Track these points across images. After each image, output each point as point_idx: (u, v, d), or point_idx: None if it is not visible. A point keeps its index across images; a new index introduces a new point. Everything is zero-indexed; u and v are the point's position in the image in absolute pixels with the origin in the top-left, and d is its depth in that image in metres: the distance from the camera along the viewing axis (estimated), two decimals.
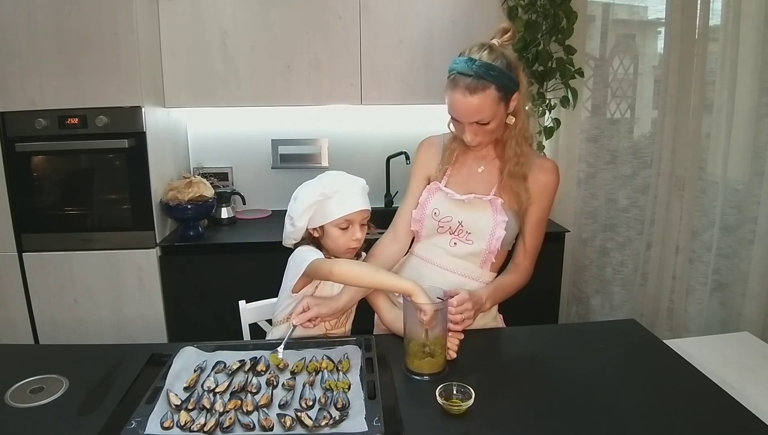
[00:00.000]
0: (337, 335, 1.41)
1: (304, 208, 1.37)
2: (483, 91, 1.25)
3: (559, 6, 2.33)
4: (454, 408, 1.03)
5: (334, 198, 1.37)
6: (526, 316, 1.50)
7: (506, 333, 1.50)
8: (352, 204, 1.37)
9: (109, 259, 2.23)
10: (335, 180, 1.40)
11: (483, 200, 1.39)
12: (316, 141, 2.77)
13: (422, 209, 1.45)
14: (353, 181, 1.41)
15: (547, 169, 1.42)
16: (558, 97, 2.49)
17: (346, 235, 1.39)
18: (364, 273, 1.29)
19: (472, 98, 1.25)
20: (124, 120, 2.13)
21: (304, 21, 2.35)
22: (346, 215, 1.36)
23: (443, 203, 1.43)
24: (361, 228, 1.41)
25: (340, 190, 1.38)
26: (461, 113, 1.29)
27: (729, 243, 2.07)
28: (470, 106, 1.26)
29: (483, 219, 1.39)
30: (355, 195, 1.39)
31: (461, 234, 1.41)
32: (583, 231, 2.64)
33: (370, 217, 1.44)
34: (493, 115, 1.28)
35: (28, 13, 2.03)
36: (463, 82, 1.25)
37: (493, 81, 1.24)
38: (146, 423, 0.96)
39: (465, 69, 1.25)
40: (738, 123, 1.99)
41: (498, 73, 1.25)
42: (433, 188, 1.45)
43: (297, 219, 1.38)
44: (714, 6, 2.06)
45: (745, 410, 1.05)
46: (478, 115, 1.27)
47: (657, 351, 1.32)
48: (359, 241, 1.41)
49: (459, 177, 1.45)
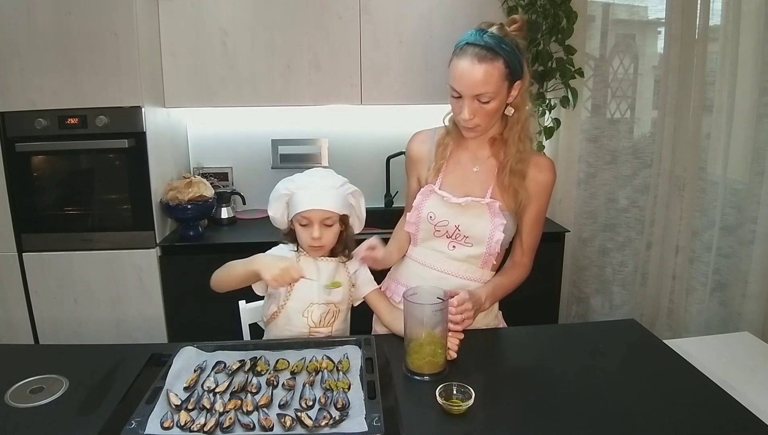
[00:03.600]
0: (337, 336, 1.41)
1: (272, 199, 1.42)
2: (491, 63, 1.22)
3: (559, 6, 2.33)
4: (454, 408, 1.03)
5: (297, 194, 1.38)
6: (526, 316, 1.50)
7: (506, 333, 1.50)
8: (306, 203, 1.37)
9: (109, 259, 2.23)
10: (306, 177, 1.40)
11: (480, 203, 1.37)
12: (316, 141, 2.77)
13: (417, 212, 1.43)
14: (321, 181, 1.38)
15: (544, 166, 1.40)
16: (558, 97, 2.49)
17: (306, 232, 1.40)
18: (222, 273, 1.40)
19: (480, 66, 1.22)
20: (124, 120, 2.13)
21: (304, 21, 2.35)
22: (302, 212, 1.37)
23: (439, 207, 1.40)
24: (322, 228, 1.39)
25: (303, 187, 1.38)
26: (466, 83, 1.24)
27: (729, 243, 2.08)
28: (477, 75, 1.22)
29: (480, 223, 1.38)
30: (313, 194, 1.37)
31: (459, 238, 1.40)
32: (583, 231, 2.64)
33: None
34: (497, 92, 1.25)
35: (28, 13, 2.03)
36: (472, 50, 1.23)
37: (503, 55, 1.22)
38: (146, 423, 0.96)
39: (476, 39, 1.23)
40: (738, 123, 1.99)
41: (509, 49, 1.23)
42: (428, 191, 1.42)
43: (268, 209, 1.44)
44: (714, 6, 2.06)
45: (745, 410, 1.05)
46: (483, 86, 1.23)
47: (657, 351, 1.32)
48: (317, 240, 1.39)
49: (453, 177, 1.42)
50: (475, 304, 1.29)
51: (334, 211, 1.38)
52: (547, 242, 2.45)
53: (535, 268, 1.49)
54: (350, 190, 1.43)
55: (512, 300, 1.62)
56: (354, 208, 1.46)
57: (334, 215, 1.39)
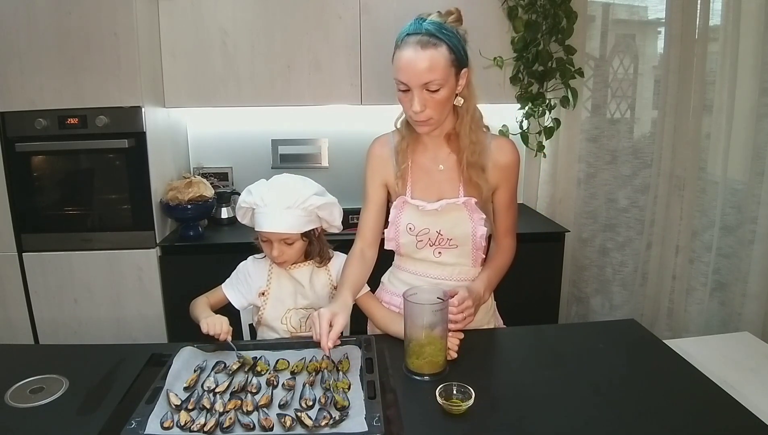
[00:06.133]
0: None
1: (237, 208, 1.47)
2: (435, 48, 1.20)
3: (559, 6, 2.33)
4: (454, 408, 1.03)
5: (256, 210, 1.41)
6: (526, 316, 1.50)
7: (506, 333, 1.50)
8: (262, 224, 1.39)
9: (109, 259, 2.23)
10: (266, 192, 1.40)
11: (457, 204, 1.35)
12: (316, 141, 2.77)
13: (394, 227, 1.40)
14: (279, 199, 1.37)
15: (505, 149, 1.38)
16: (558, 97, 2.49)
17: (267, 248, 1.42)
18: (192, 313, 1.42)
19: (424, 53, 1.19)
20: (124, 120, 2.13)
21: (304, 21, 2.35)
22: (260, 232, 1.39)
23: (416, 217, 1.38)
24: (281, 245, 1.39)
25: (260, 206, 1.39)
26: (412, 72, 1.20)
27: (729, 243, 2.08)
28: (422, 62, 1.19)
29: (461, 223, 1.37)
30: (270, 215, 1.37)
31: (443, 242, 1.39)
32: (583, 231, 2.64)
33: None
34: (445, 79, 1.22)
35: (28, 13, 2.03)
36: (414, 39, 1.20)
37: (445, 40, 1.21)
38: (146, 423, 0.96)
39: (416, 28, 1.21)
40: (738, 123, 1.99)
41: (450, 34, 1.22)
42: (401, 203, 1.39)
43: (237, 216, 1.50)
44: (714, 6, 2.06)
45: (745, 410, 1.05)
46: (429, 74, 1.20)
47: (657, 351, 1.32)
48: (276, 259, 1.41)
49: (422, 183, 1.39)
50: (475, 300, 1.28)
51: (291, 232, 1.38)
52: (547, 242, 2.49)
53: (535, 268, 1.49)
54: (317, 204, 1.40)
55: (512, 300, 1.62)
56: (325, 220, 1.45)
57: (293, 235, 1.39)
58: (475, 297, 1.28)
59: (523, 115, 2.51)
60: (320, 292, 1.47)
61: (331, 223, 1.47)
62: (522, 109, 2.50)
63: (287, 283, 1.47)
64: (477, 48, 1.93)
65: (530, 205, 2.81)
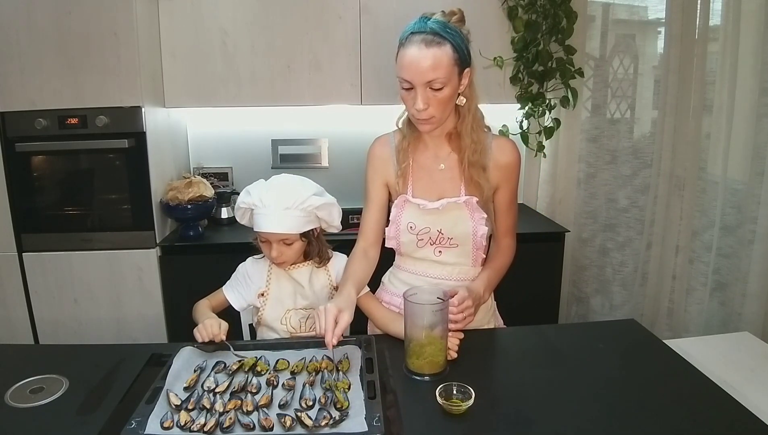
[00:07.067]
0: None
1: (236, 209, 1.46)
2: (439, 47, 1.20)
3: (559, 6, 2.33)
4: (454, 408, 1.03)
5: (254, 211, 1.41)
6: (526, 316, 1.50)
7: (506, 333, 1.50)
8: (261, 225, 1.39)
9: (109, 259, 2.23)
10: (265, 193, 1.39)
11: (458, 203, 1.36)
12: (316, 141, 2.77)
13: (395, 226, 1.41)
14: (278, 200, 1.37)
15: (506, 149, 1.38)
16: (558, 97, 2.49)
17: (266, 249, 1.43)
18: (194, 315, 1.42)
19: (428, 51, 1.20)
20: (124, 120, 2.13)
21: (304, 21, 2.35)
22: (258, 232, 1.39)
23: (417, 215, 1.38)
24: (280, 246, 1.39)
25: (259, 207, 1.39)
26: (416, 70, 1.21)
27: (729, 243, 2.08)
28: (426, 60, 1.20)
29: (462, 222, 1.37)
30: (268, 216, 1.37)
31: (443, 241, 1.39)
32: (583, 231, 2.64)
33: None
34: (448, 77, 1.23)
35: (28, 13, 2.03)
36: (418, 37, 1.21)
37: (449, 39, 1.21)
38: (146, 423, 0.96)
39: (420, 27, 1.22)
40: (738, 123, 1.99)
41: (454, 33, 1.22)
42: (401, 202, 1.40)
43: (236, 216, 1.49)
44: (714, 6, 2.06)
45: (745, 410, 1.05)
46: (433, 72, 1.21)
47: (657, 351, 1.32)
48: (275, 259, 1.42)
49: (423, 182, 1.40)
50: (475, 300, 1.28)
51: (290, 233, 1.38)
52: (547, 242, 2.49)
53: (536, 268, 1.49)
54: (316, 204, 1.40)
55: (512, 300, 1.62)
56: (324, 221, 1.45)
57: (292, 236, 1.39)
58: (475, 297, 1.28)
59: (523, 115, 2.51)
60: (320, 293, 1.47)
61: (330, 224, 1.47)
62: (522, 109, 2.50)
63: (286, 284, 1.47)
64: (477, 48, 1.92)
65: (530, 205, 2.81)
